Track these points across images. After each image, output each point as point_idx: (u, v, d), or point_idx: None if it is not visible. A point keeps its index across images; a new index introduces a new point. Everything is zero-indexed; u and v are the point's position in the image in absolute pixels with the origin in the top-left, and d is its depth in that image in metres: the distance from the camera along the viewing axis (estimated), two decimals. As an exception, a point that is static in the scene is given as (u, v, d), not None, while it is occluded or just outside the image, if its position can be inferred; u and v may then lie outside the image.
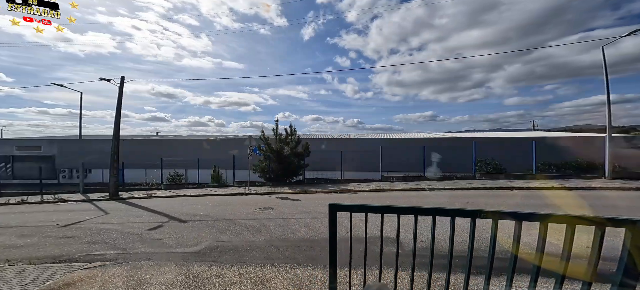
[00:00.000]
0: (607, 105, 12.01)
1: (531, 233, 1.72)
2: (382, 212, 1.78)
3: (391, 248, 4.52)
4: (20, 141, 26.26)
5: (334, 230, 1.79)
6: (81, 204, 11.02)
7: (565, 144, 16.47)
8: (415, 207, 1.73)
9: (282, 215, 7.07)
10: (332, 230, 1.78)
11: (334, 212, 1.78)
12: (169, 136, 35.38)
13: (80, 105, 25.40)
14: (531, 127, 44.46)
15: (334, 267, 1.79)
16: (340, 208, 1.80)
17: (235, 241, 5.05)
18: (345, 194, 10.61)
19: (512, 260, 1.48)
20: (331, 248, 1.79)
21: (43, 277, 3.70)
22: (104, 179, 19.77)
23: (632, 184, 10.12)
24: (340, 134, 31.38)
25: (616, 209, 6.86)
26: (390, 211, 1.77)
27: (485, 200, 8.51)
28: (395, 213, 1.75)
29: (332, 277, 1.78)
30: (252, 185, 13.52)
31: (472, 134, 29.78)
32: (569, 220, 1.37)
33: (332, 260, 1.79)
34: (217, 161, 16.92)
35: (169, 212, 8.18)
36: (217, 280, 3.42)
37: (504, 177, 12.67)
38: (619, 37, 12.00)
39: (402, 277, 3.26)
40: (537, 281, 1.44)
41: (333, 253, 1.78)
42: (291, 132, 15.29)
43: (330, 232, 1.79)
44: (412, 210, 1.74)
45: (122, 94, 14.11)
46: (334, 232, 1.79)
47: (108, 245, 5.12)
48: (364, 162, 17.86)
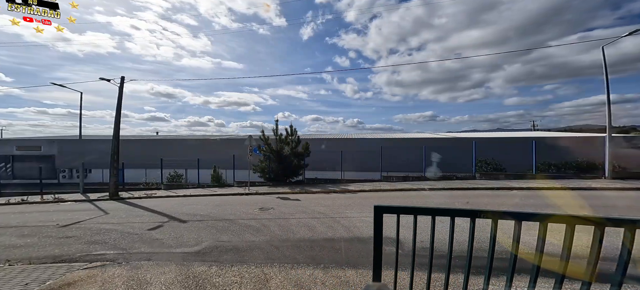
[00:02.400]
0: (607, 105, 12.01)
1: (530, 233, 1.72)
2: (434, 214, 1.66)
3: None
4: (20, 141, 26.27)
5: (380, 233, 1.69)
6: (81, 203, 11.02)
7: (565, 144, 16.47)
8: (456, 209, 1.64)
9: (282, 215, 7.07)
10: (378, 233, 1.68)
11: (380, 214, 1.68)
12: (169, 136, 35.38)
13: (80, 105, 25.24)
14: (531, 127, 44.44)
15: (379, 270, 1.70)
16: (387, 209, 1.70)
17: (235, 241, 5.05)
18: (346, 194, 10.60)
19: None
20: (376, 252, 1.69)
21: (43, 277, 3.70)
22: (104, 179, 19.77)
23: (632, 184, 10.12)
24: (340, 134, 31.39)
25: (616, 209, 6.86)
26: (442, 213, 1.66)
27: (485, 200, 8.51)
28: (448, 215, 1.64)
29: (377, 277, 1.70)
30: (252, 185, 13.52)
31: (472, 134, 29.79)
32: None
33: (377, 263, 1.70)
34: (217, 161, 16.92)
35: (169, 212, 8.18)
36: (217, 280, 3.42)
37: (504, 177, 12.67)
38: (619, 37, 12.00)
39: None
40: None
41: (378, 257, 1.69)
42: (291, 132, 15.29)
43: (376, 235, 1.69)
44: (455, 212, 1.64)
45: (122, 94, 14.12)
46: (380, 235, 1.69)
47: (108, 245, 5.12)
48: (364, 162, 17.86)
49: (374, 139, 23.38)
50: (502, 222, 1.52)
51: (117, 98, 13.99)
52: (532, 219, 1.46)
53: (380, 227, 1.71)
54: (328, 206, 8.08)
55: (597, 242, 1.31)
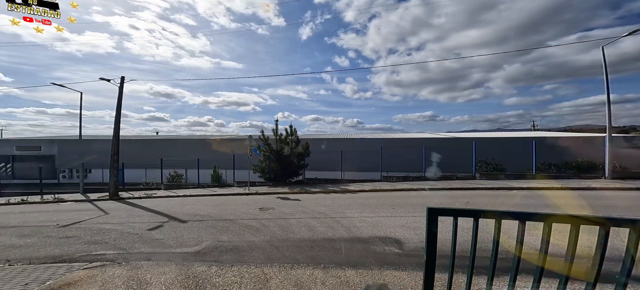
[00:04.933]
0: (607, 105, 12.00)
1: (531, 233, 1.71)
2: (524, 220, 1.52)
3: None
4: (20, 141, 26.25)
5: (434, 240, 1.60)
6: (81, 204, 11.00)
7: (565, 144, 16.48)
8: (524, 212, 1.53)
9: (282, 215, 7.06)
10: (432, 239, 1.59)
11: (435, 216, 1.59)
12: (169, 136, 35.37)
13: (80, 105, 25.41)
14: (531, 127, 44.46)
15: (432, 275, 1.61)
16: (442, 212, 1.61)
17: (235, 241, 5.04)
18: (346, 194, 10.60)
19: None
20: (429, 257, 1.60)
21: (43, 277, 3.69)
22: (104, 179, 19.76)
23: (632, 184, 10.11)
24: (340, 134, 31.38)
25: (616, 209, 6.85)
26: (508, 216, 1.52)
27: (485, 200, 8.51)
28: (518, 219, 1.52)
29: (429, 286, 1.62)
30: (252, 185, 13.51)
31: (472, 134, 29.78)
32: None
33: (430, 269, 1.60)
34: (217, 161, 16.91)
35: (169, 212, 8.17)
36: (217, 280, 3.41)
37: (504, 177, 12.67)
38: (618, 37, 12.00)
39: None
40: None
41: (431, 263, 1.59)
42: (291, 132, 15.27)
43: (429, 242, 1.60)
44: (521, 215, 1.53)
45: (122, 94, 14.10)
46: (434, 242, 1.59)
47: (108, 245, 5.11)
48: (364, 162, 17.86)
49: (373, 139, 23.38)
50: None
51: (117, 98, 13.97)
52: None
53: (434, 234, 1.59)
54: (328, 206, 8.08)
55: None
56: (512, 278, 1.49)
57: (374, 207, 7.72)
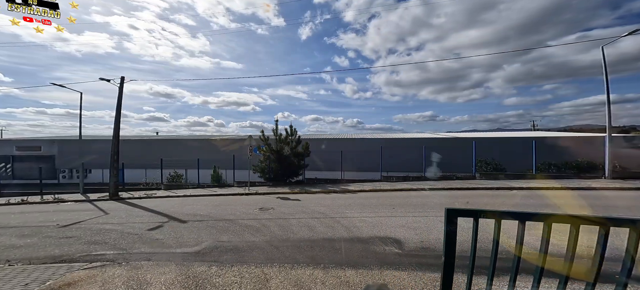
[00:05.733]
0: (607, 105, 12.00)
1: (531, 233, 1.71)
2: (524, 220, 1.49)
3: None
4: (20, 141, 26.26)
5: (453, 242, 1.54)
6: (81, 204, 11.01)
7: (565, 144, 16.49)
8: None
9: (282, 216, 7.06)
10: (451, 242, 1.54)
11: (454, 217, 1.54)
12: (169, 136, 35.37)
13: (80, 106, 25.34)
14: (531, 127, 44.47)
15: (450, 277, 1.56)
16: (461, 213, 1.55)
17: (235, 241, 5.04)
18: (346, 194, 10.60)
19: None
20: (448, 258, 1.55)
21: (43, 277, 3.69)
22: (104, 179, 19.77)
23: (632, 184, 10.12)
24: (340, 134, 31.40)
25: (616, 209, 6.85)
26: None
27: (485, 200, 8.51)
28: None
29: (447, 288, 1.57)
30: (252, 185, 13.51)
31: (472, 134, 29.79)
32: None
33: (448, 271, 1.55)
34: (217, 161, 16.91)
35: (169, 212, 8.17)
36: (217, 280, 3.41)
37: (504, 177, 12.67)
38: (618, 37, 12.01)
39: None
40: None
41: (450, 265, 1.54)
42: (291, 132, 15.27)
43: (448, 245, 1.55)
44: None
45: (122, 94, 14.10)
46: (453, 244, 1.54)
47: (108, 246, 5.11)
48: (364, 162, 17.88)
49: (373, 139, 23.39)
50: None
51: (117, 98, 13.97)
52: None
53: (453, 236, 1.53)
54: (328, 206, 8.08)
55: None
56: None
57: (374, 207, 7.73)
